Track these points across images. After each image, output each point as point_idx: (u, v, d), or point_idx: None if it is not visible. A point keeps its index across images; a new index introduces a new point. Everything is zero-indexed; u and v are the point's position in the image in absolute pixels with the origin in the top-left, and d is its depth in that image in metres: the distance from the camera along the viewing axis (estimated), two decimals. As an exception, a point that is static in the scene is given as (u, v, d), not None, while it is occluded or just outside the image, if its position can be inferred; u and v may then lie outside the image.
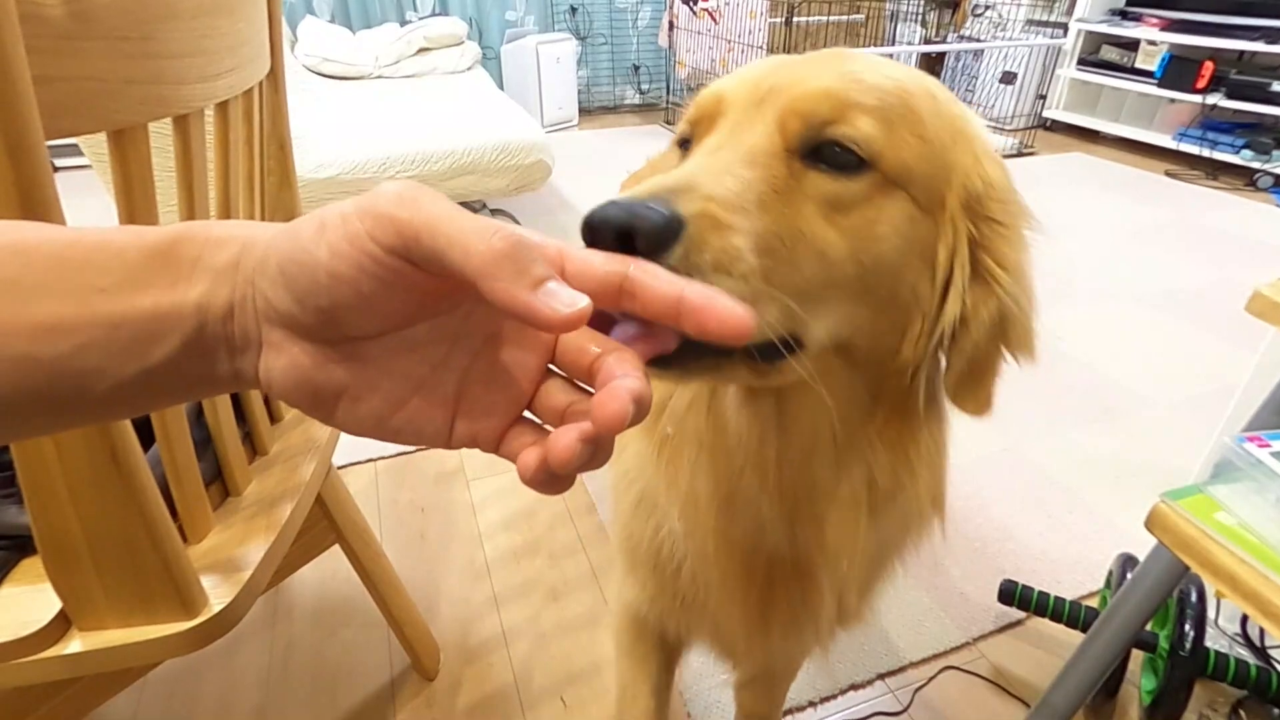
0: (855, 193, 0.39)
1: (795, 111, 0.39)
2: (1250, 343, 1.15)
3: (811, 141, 0.39)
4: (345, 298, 0.26)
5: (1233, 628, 1.10)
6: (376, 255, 0.25)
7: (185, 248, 0.27)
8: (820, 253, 0.38)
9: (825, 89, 0.40)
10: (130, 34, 0.43)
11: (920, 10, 4.20)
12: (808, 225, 0.38)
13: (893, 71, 0.42)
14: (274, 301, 0.26)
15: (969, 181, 0.42)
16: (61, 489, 0.47)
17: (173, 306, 0.26)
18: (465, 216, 0.25)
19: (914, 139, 0.40)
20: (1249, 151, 3.17)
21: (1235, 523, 0.51)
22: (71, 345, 0.25)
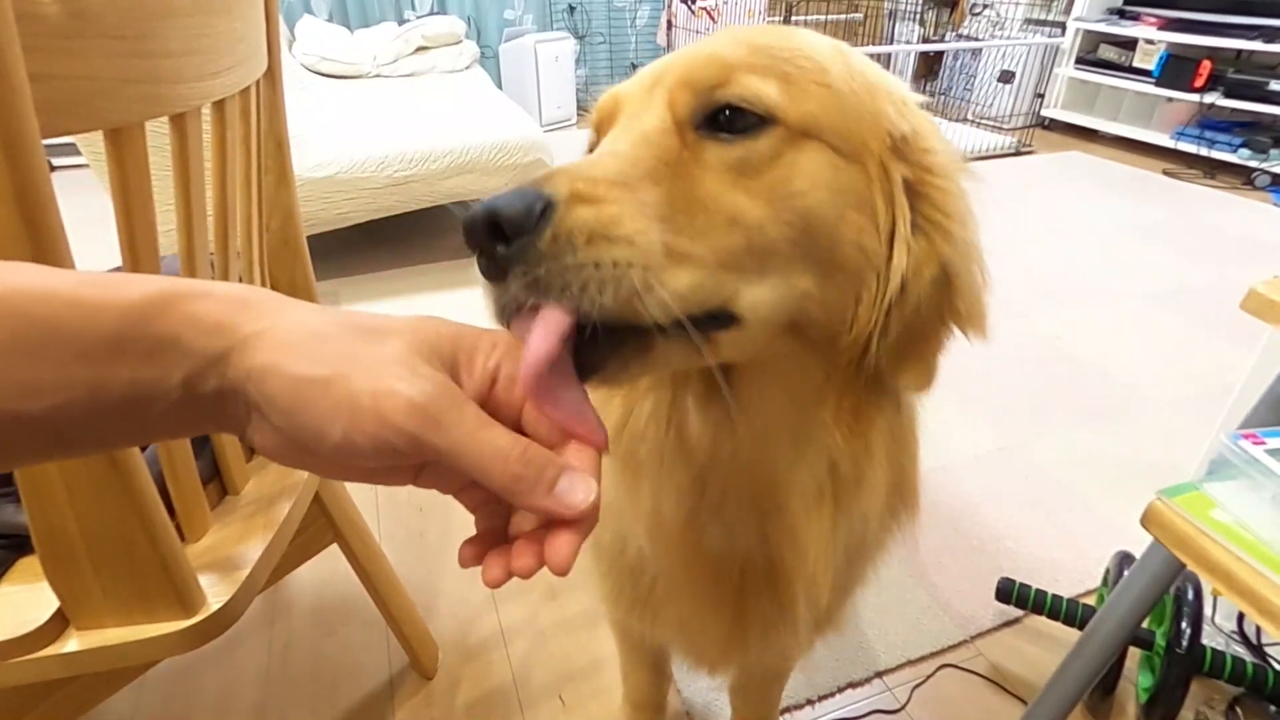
0: (761, 151, 0.37)
1: (682, 83, 0.38)
2: (1247, 341, 1.16)
3: (703, 110, 0.37)
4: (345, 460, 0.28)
5: (1229, 625, 1.10)
6: (395, 455, 0.27)
7: (162, 321, 0.27)
8: (731, 218, 0.36)
9: (710, 55, 0.38)
10: (127, 33, 0.43)
11: (919, 9, 4.20)
12: (711, 192, 0.36)
13: (797, 34, 0.41)
14: (269, 417, 0.28)
15: (892, 127, 0.40)
16: (59, 487, 0.47)
17: (154, 381, 0.27)
18: (482, 437, 0.28)
19: (818, 88, 0.38)
20: (1246, 150, 3.18)
21: (1231, 520, 0.52)
22: (53, 404, 0.26)
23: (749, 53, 0.38)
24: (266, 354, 0.27)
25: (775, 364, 0.42)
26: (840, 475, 0.45)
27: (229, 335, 0.27)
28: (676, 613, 0.57)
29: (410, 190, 2.06)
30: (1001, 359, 1.82)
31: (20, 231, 0.38)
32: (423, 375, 0.28)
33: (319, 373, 0.27)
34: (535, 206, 0.31)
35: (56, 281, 0.26)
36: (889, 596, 1.15)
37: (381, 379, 0.27)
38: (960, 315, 0.41)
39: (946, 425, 1.56)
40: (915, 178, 0.40)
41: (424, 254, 2.38)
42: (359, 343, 0.28)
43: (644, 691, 0.91)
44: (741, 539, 0.49)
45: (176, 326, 0.27)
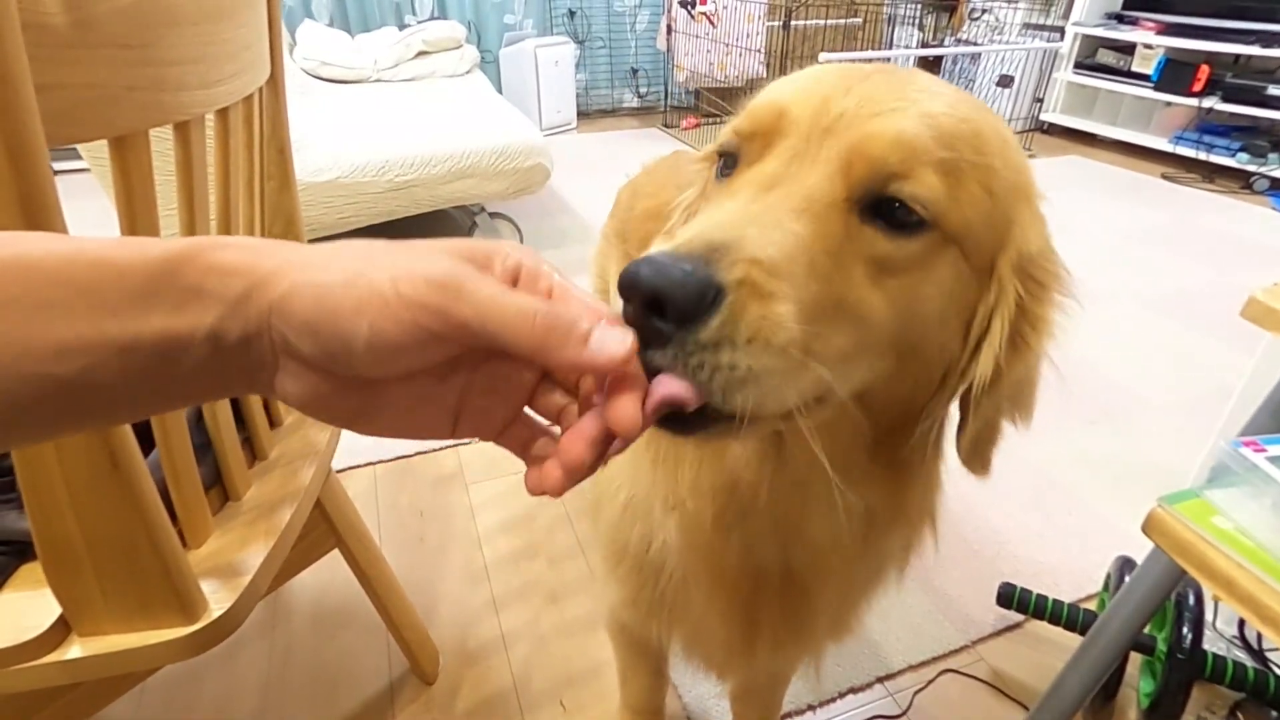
0: (911, 254, 0.36)
1: (864, 156, 0.36)
2: (1247, 345, 1.16)
3: (874, 194, 0.36)
4: (378, 364, 0.27)
5: (1230, 630, 1.10)
6: (422, 338, 0.27)
7: (186, 272, 0.27)
8: (862, 318, 0.36)
9: (898, 136, 0.36)
10: (132, 42, 0.43)
11: (918, 14, 4.21)
12: (854, 289, 0.35)
13: (967, 110, 0.39)
14: (297, 345, 0.27)
15: (1025, 242, 0.39)
16: (61, 494, 0.47)
17: (184, 332, 0.27)
18: (506, 299, 0.27)
19: (981, 194, 0.37)
20: (1245, 154, 3.18)
21: (1232, 527, 0.52)
22: (84, 364, 0.26)
23: (933, 137, 0.37)
24: (287, 281, 0.27)
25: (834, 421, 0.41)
26: (876, 514, 0.47)
27: (249, 274, 0.27)
28: (693, 614, 0.58)
29: (411, 194, 2.07)
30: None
31: (25, 239, 0.38)
32: (440, 258, 0.28)
33: (339, 277, 0.27)
34: (708, 295, 0.29)
35: (83, 246, 0.26)
36: (890, 601, 1.15)
37: (398, 268, 0.27)
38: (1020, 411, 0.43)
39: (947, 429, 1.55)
40: (1029, 293, 0.40)
41: (424, 258, 2.38)
42: (376, 248, 0.28)
43: (643, 697, 0.91)
44: (761, 554, 0.50)
45: (200, 276, 0.27)
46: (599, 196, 2.10)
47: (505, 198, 2.20)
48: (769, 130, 0.39)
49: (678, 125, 3.98)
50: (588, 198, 2.87)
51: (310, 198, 1.92)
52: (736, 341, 0.30)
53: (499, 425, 0.32)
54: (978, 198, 0.37)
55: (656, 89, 4.29)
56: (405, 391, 0.29)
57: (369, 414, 0.29)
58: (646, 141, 3.76)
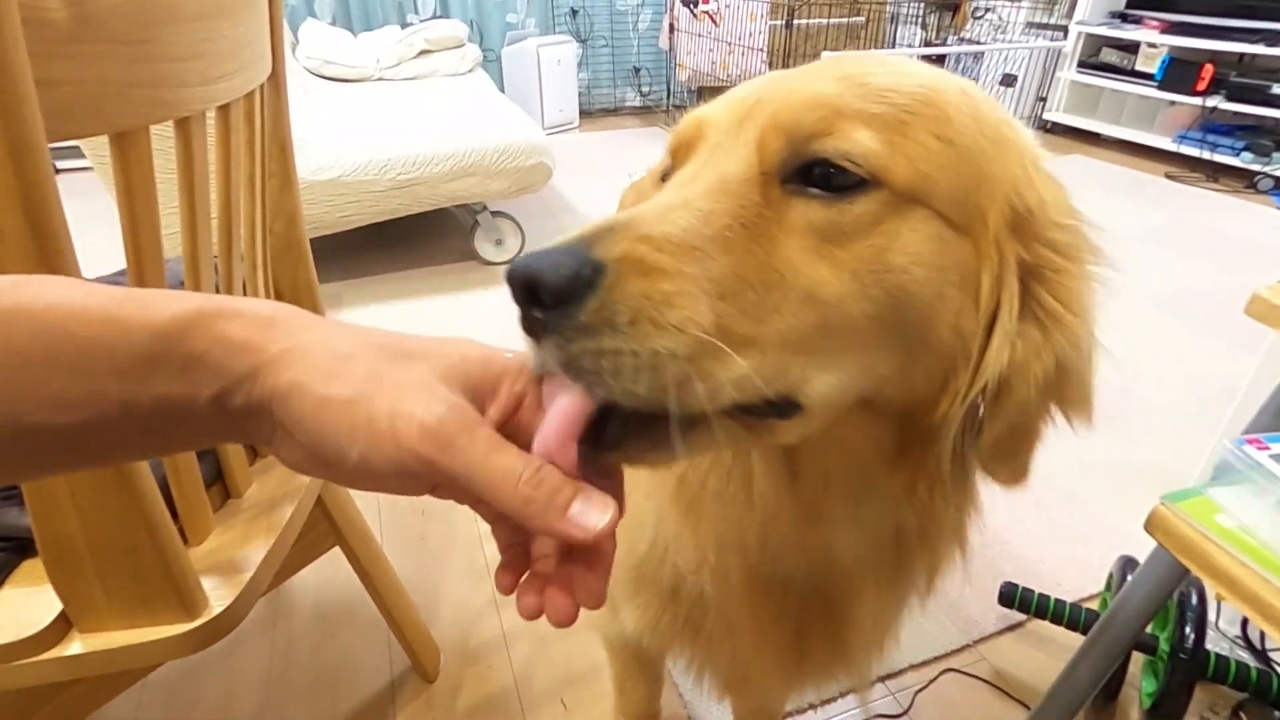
0: (856, 217, 0.32)
1: (776, 126, 0.33)
2: (1250, 345, 1.15)
3: (795, 161, 0.33)
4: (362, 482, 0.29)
5: (1233, 630, 1.10)
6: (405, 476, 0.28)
7: (192, 340, 0.27)
8: (808, 294, 0.31)
9: (813, 97, 0.33)
10: (132, 37, 0.43)
11: (920, 13, 4.20)
12: (788, 263, 0.31)
13: (915, 70, 0.35)
14: (293, 434, 0.28)
15: (1017, 197, 0.35)
16: (63, 491, 0.47)
17: (185, 396, 0.27)
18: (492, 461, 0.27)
19: (935, 143, 0.33)
20: (1249, 154, 3.17)
21: (1235, 525, 0.51)
22: (85, 418, 0.26)
23: (858, 95, 0.33)
24: (292, 373, 0.28)
25: (844, 432, 0.38)
26: (905, 542, 0.44)
27: (256, 355, 0.28)
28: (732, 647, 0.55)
29: (413, 193, 2.07)
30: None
31: (26, 235, 0.38)
32: (439, 399, 0.28)
33: (341, 394, 0.27)
34: (583, 273, 0.27)
35: (91, 298, 0.27)
36: (891, 600, 1.15)
37: (400, 402, 0.27)
38: (1067, 402, 0.37)
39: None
40: (1036, 258, 0.35)
41: (427, 257, 2.39)
42: (384, 364, 0.28)
43: (642, 705, 0.90)
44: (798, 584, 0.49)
45: (206, 345, 0.27)
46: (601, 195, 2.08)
47: (507, 196, 2.20)
48: (690, 140, 0.37)
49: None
50: (590, 197, 2.87)
51: (312, 196, 1.92)
52: (617, 323, 0.27)
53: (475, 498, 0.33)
54: (932, 148, 0.33)
55: (659, 88, 4.29)
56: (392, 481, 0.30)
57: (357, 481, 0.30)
58: (648, 141, 3.75)
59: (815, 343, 0.32)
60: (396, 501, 1.35)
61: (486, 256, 2.34)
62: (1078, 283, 0.35)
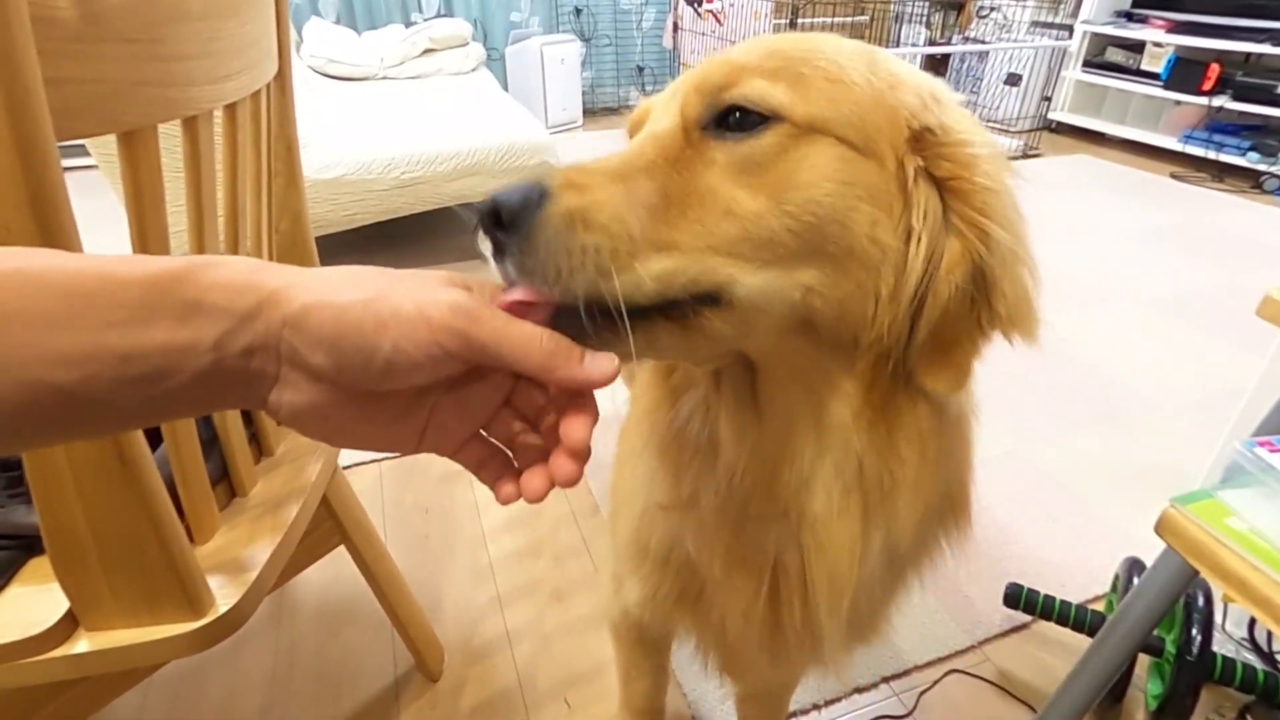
0: (764, 148, 0.37)
1: (693, 86, 0.39)
2: (1256, 346, 1.15)
3: (710, 111, 0.39)
4: (389, 378, 0.30)
5: (1240, 632, 1.09)
6: (440, 357, 0.30)
7: (186, 287, 0.28)
8: (726, 209, 0.37)
9: (722, 60, 0.40)
10: (140, 36, 0.43)
11: (925, 12, 4.19)
12: (709, 186, 0.37)
13: (819, 39, 0.41)
14: (309, 358, 0.30)
15: (914, 119, 0.39)
16: (70, 489, 0.47)
17: (186, 343, 0.28)
18: (515, 326, 0.31)
19: (829, 84, 0.38)
20: (1255, 154, 3.16)
21: (1246, 528, 0.51)
22: (84, 374, 0.27)
23: (762, 57, 0.39)
24: (305, 296, 0.29)
25: (792, 362, 0.42)
26: (866, 475, 0.43)
27: (257, 291, 0.29)
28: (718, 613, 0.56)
29: (417, 192, 2.07)
30: (1008, 362, 1.81)
31: (34, 233, 0.38)
32: (453, 290, 0.32)
33: (362, 296, 0.30)
34: (532, 196, 0.33)
35: (85, 260, 0.28)
36: (896, 601, 1.15)
37: (420, 292, 0.30)
38: (1001, 319, 0.39)
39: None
40: (947, 173, 0.38)
41: (431, 255, 2.39)
42: (387, 275, 0.32)
43: (645, 698, 0.91)
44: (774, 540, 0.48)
45: (203, 290, 0.28)
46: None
47: (511, 195, 2.20)
48: (640, 119, 0.44)
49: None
50: (593, 196, 2.87)
51: (317, 195, 1.92)
52: (557, 228, 0.33)
53: (458, 442, 0.36)
54: (826, 89, 0.38)
55: (663, 87, 4.26)
56: (391, 404, 0.32)
57: (353, 427, 0.32)
58: (652, 140, 3.74)
59: (739, 249, 0.37)
60: (400, 500, 1.35)
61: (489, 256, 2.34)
62: (990, 193, 0.38)
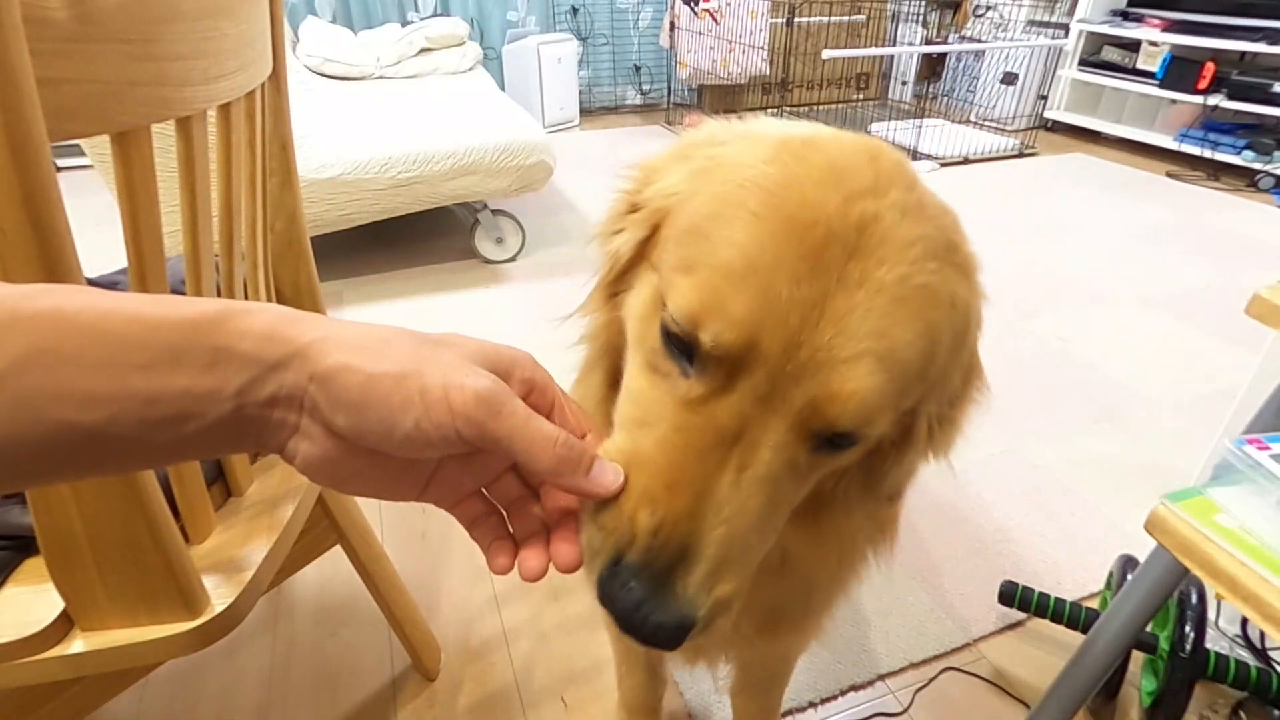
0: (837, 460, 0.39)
1: (823, 416, 0.35)
2: (1251, 344, 1.15)
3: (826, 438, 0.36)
4: (405, 450, 0.31)
5: (1233, 629, 1.10)
6: (456, 443, 0.31)
7: (217, 334, 0.29)
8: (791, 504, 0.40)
9: (864, 399, 0.34)
10: (134, 36, 0.43)
11: (922, 11, 4.19)
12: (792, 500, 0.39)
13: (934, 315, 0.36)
14: (331, 418, 0.30)
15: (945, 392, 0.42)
16: (65, 489, 0.47)
17: (211, 388, 0.28)
18: (534, 425, 0.32)
19: (918, 387, 0.39)
20: (1250, 152, 3.17)
21: (1235, 525, 0.51)
22: (108, 415, 0.27)
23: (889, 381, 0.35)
24: (337, 356, 0.30)
25: None
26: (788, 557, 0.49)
27: (288, 344, 0.29)
28: None
29: (414, 191, 2.07)
30: (1004, 361, 1.82)
31: (28, 233, 0.38)
32: (482, 374, 0.32)
33: (393, 369, 0.30)
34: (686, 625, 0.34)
35: (120, 301, 0.28)
36: (891, 599, 1.15)
37: (450, 375, 0.30)
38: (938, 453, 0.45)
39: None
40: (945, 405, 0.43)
41: (427, 255, 2.39)
42: (422, 347, 0.32)
43: (639, 695, 0.91)
44: None
45: (233, 338, 0.29)
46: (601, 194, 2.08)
47: (508, 195, 2.20)
48: (737, 358, 0.34)
49: (681, 122, 3.97)
50: (590, 195, 2.87)
51: (312, 194, 1.92)
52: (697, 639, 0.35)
53: (459, 497, 0.36)
54: (915, 394, 0.39)
55: (659, 86, 4.28)
56: (400, 461, 0.33)
57: (361, 478, 0.33)
58: (649, 139, 3.75)
59: None
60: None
61: (487, 255, 2.33)
62: (963, 410, 0.44)
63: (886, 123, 3.65)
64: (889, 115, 4.03)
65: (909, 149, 3.36)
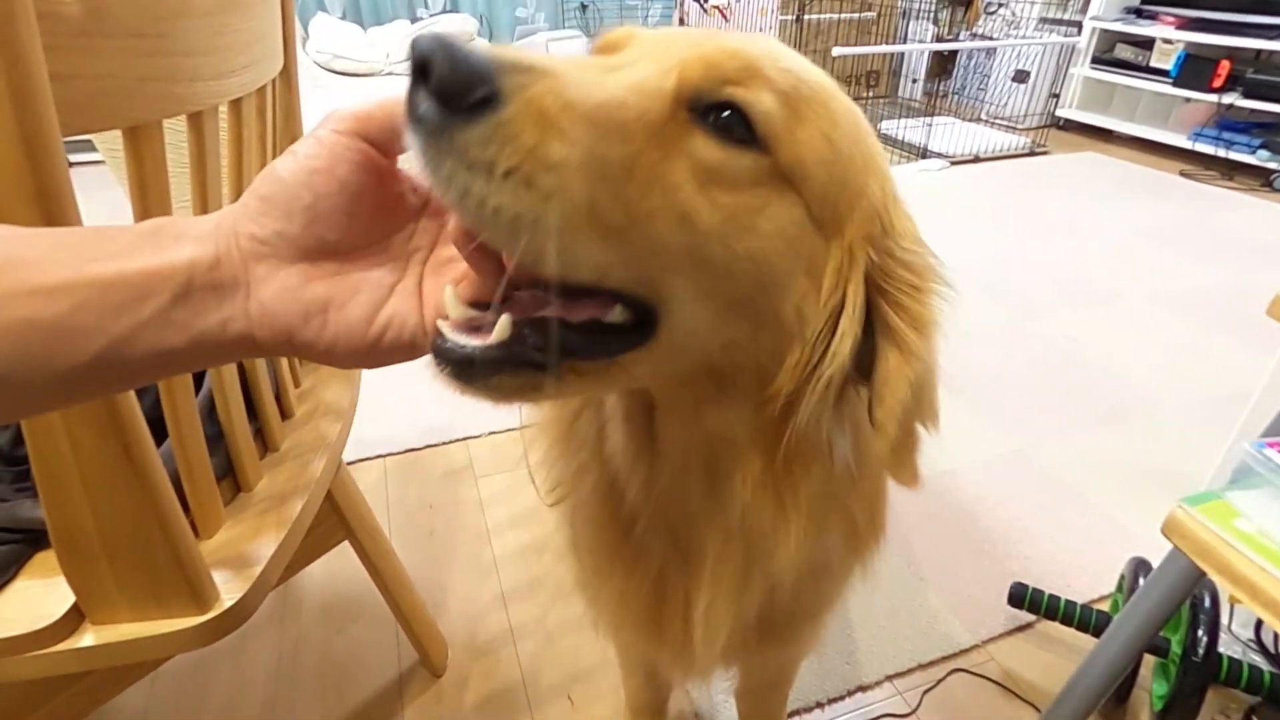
0: (740, 170, 0.34)
1: (701, 58, 0.34)
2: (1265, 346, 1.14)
3: (707, 96, 0.34)
4: (326, 188, 0.32)
5: (1246, 633, 1.09)
6: (343, 141, 0.32)
7: (168, 226, 0.32)
8: (683, 215, 0.33)
9: (737, 48, 0.35)
10: (146, 31, 0.43)
11: (933, 8, 4.17)
12: (673, 178, 0.33)
13: (823, 79, 0.38)
14: (259, 233, 0.32)
15: (874, 216, 0.38)
16: (76, 484, 0.47)
17: (162, 266, 0.30)
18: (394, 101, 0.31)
19: (820, 139, 0.36)
20: (1265, 152, 3.14)
21: (1254, 529, 0.51)
22: (67, 305, 0.28)
23: (778, 69, 0.35)
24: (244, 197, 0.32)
25: (694, 406, 0.41)
26: (750, 527, 0.44)
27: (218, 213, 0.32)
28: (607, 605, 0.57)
29: (422, 188, 2.07)
30: (1014, 361, 1.81)
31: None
32: None
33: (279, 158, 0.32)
34: (476, 91, 0.27)
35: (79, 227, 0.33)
36: (900, 600, 1.15)
37: None
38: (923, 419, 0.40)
39: (958, 428, 1.55)
40: (888, 273, 0.38)
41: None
42: None
43: (641, 696, 0.91)
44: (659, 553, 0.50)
45: (182, 227, 0.32)
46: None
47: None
48: (621, 41, 0.39)
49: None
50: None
51: (322, 191, 1.92)
52: (493, 167, 0.27)
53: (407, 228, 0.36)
54: (818, 143, 0.35)
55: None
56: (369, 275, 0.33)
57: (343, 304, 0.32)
58: (657, 136, 3.74)
59: (681, 265, 0.34)
60: (404, 496, 1.35)
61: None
62: (928, 307, 0.38)
63: (897, 120, 3.63)
64: (899, 113, 4.01)
65: (919, 147, 3.34)
